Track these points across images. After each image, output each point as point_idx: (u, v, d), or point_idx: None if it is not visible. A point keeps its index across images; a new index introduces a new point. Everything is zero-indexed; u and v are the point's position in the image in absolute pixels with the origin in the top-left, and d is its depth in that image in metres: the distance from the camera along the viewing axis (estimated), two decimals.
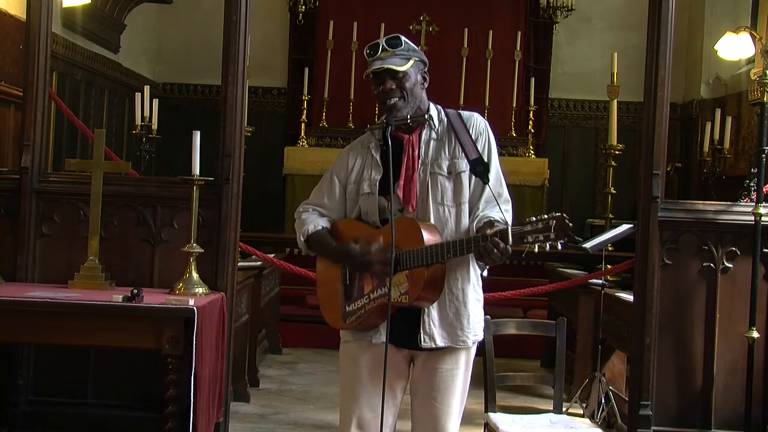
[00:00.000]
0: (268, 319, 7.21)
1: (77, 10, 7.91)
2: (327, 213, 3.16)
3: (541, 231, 2.77)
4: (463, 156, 3.00)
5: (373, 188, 3.05)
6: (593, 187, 10.40)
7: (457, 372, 3.07)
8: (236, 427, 5.13)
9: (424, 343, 2.99)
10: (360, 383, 3.07)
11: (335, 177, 3.15)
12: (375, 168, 3.07)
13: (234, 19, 4.61)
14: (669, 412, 4.74)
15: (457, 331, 3.02)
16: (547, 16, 10.35)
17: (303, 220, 3.16)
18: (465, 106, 9.68)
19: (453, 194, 3.01)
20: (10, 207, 4.65)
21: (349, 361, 3.11)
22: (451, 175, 3.01)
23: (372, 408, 3.04)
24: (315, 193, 3.21)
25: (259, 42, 9.22)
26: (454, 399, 3.09)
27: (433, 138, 3.05)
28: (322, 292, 3.17)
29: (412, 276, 2.91)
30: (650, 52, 4.69)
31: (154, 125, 7.83)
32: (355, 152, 3.15)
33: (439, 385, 3.06)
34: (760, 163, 4.62)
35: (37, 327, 4.02)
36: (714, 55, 8.23)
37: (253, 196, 4.62)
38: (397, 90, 3.00)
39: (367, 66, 3.03)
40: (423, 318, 2.99)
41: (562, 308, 6.47)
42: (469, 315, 3.03)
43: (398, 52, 3.00)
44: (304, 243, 3.16)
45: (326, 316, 3.14)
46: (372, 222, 3.05)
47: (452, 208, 3.00)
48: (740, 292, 4.71)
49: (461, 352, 3.07)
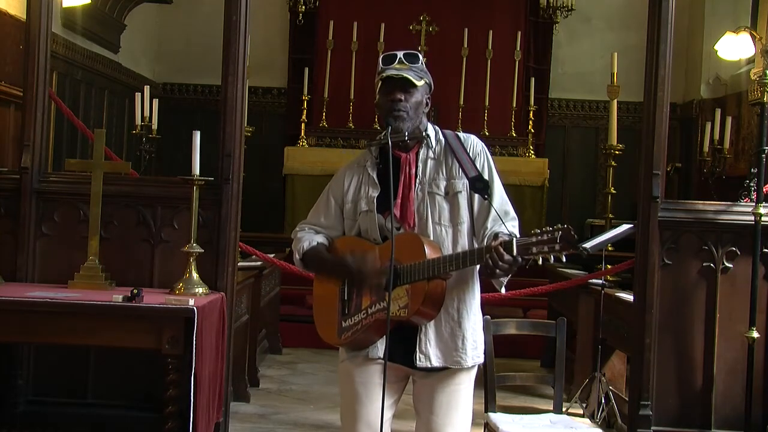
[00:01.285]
0: (268, 319, 7.21)
1: (77, 10, 7.91)
2: (324, 232, 3.14)
3: (546, 243, 2.75)
4: (461, 176, 2.99)
5: (371, 206, 3.02)
6: (593, 187, 10.40)
7: (458, 389, 3.04)
8: (236, 427, 5.13)
9: (420, 362, 2.97)
10: (357, 400, 3.05)
11: (331, 197, 3.13)
12: (372, 185, 3.04)
13: (234, 19, 4.61)
14: (669, 412, 4.74)
15: (452, 352, 2.99)
16: (547, 16, 10.35)
17: (299, 239, 3.14)
18: (465, 106, 9.71)
19: (450, 214, 2.99)
20: (10, 207, 4.64)
21: (345, 379, 3.10)
22: (448, 195, 2.99)
23: (368, 424, 3.02)
24: (312, 213, 3.19)
25: (259, 42, 9.22)
26: (457, 414, 3.04)
27: (431, 157, 3.04)
28: (318, 310, 3.14)
29: (413, 290, 2.89)
30: (650, 52, 4.69)
31: (154, 125, 7.84)
32: (351, 171, 3.12)
33: (442, 400, 3.02)
34: (760, 163, 4.62)
35: (37, 327, 4.02)
36: (714, 55, 8.24)
37: (253, 196, 4.62)
38: (405, 103, 2.98)
39: (378, 73, 3.00)
40: (420, 336, 2.96)
41: (562, 308, 6.47)
42: (464, 336, 3.00)
43: (414, 68, 2.98)
44: (300, 261, 3.14)
45: (321, 332, 3.11)
46: (373, 239, 3.03)
47: (449, 228, 2.99)
48: (740, 292, 4.71)
49: (461, 373, 3.03)
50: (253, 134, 9.03)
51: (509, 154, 9.73)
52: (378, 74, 3.02)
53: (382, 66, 3.00)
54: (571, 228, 2.76)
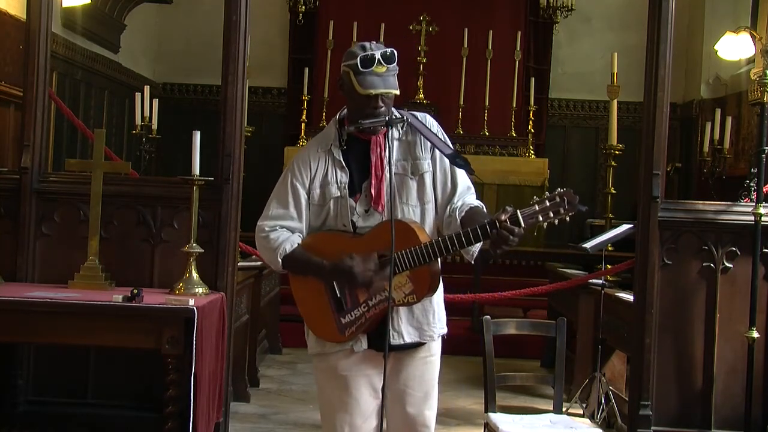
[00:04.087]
0: (268, 319, 7.21)
1: (77, 10, 7.92)
2: (294, 225, 3.06)
3: (550, 208, 2.82)
4: (425, 156, 3.04)
5: (342, 191, 3.02)
6: (593, 187, 10.39)
7: (429, 359, 3.12)
8: (236, 427, 5.13)
9: (393, 339, 2.99)
10: (347, 392, 3.05)
11: (297, 183, 3.06)
12: (340, 169, 3.04)
13: (234, 19, 4.61)
14: (669, 412, 4.74)
15: (424, 327, 3.06)
16: (547, 16, 10.36)
17: (273, 239, 3.04)
18: (465, 106, 9.72)
19: (417, 194, 3.04)
20: (10, 207, 4.64)
21: (330, 372, 3.09)
22: (415, 175, 3.04)
23: (362, 414, 3.04)
24: (275, 205, 3.08)
25: (259, 42, 9.22)
26: (431, 385, 3.12)
27: (396, 138, 3.06)
28: (306, 309, 3.11)
29: (415, 275, 2.91)
30: (650, 52, 4.69)
31: (154, 125, 7.83)
32: (315, 155, 3.07)
33: (414, 373, 3.09)
34: (760, 163, 4.62)
35: (37, 327, 4.02)
36: (714, 55, 8.24)
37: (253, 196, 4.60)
38: (384, 107, 2.98)
39: (355, 73, 2.94)
40: (391, 315, 2.96)
41: (562, 308, 6.47)
42: (434, 310, 3.08)
43: (392, 68, 2.97)
44: (280, 263, 3.05)
45: (318, 332, 3.09)
46: (343, 226, 3.02)
47: (416, 208, 3.04)
48: (740, 292, 4.71)
49: (432, 345, 3.12)
50: (253, 134, 9.02)
51: (509, 154, 9.73)
52: (353, 72, 2.94)
53: (359, 67, 2.92)
54: (572, 190, 2.83)
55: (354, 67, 2.95)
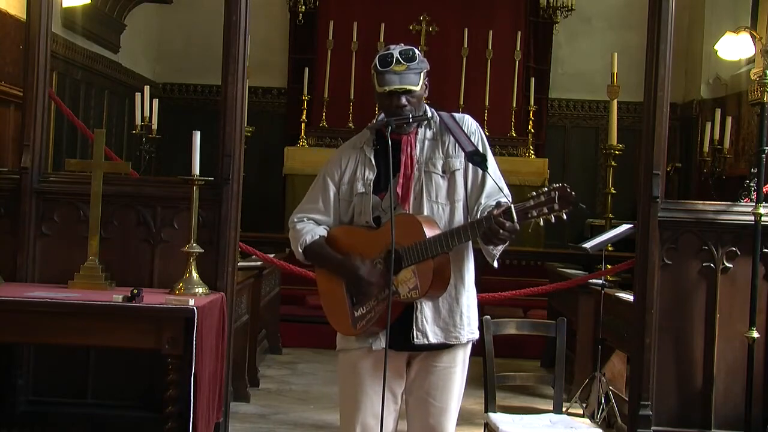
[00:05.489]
0: (268, 319, 7.21)
1: (77, 10, 7.91)
2: (322, 219, 3.16)
3: (544, 204, 2.81)
4: (458, 154, 3.05)
5: (367, 188, 3.08)
6: (593, 187, 10.39)
7: (454, 370, 3.09)
8: (236, 427, 5.13)
9: (417, 339, 3.00)
10: (362, 390, 3.07)
11: (328, 179, 3.16)
12: (369, 167, 3.09)
13: (234, 19, 4.61)
14: (669, 412, 4.74)
15: (450, 328, 3.04)
16: (547, 16, 10.36)
17: (299, 230, 3.15)
18: (465, 106, 9.70)
19: (447, 192, 3.05)
20: (10, 207, 4.64)
21: (350, 369, 3.12)
22: (446, 173, 3.05)
23: (375, 414, 3.05)
24: (308, 198, 3.21)
25: (259, 42, 9.22)
26: (452, 397, 3.10)
27: (428, 138, 3.09)
28: (326, 301, 3.16)
29: (420, 270, 2.92)
30: (650, 52, 4.69)
31: (154, 125, 7.83)
32: (348, 153, 3.17)
33: (437, 383, 3.07)
34: (760, 163, 4.62)
35: (37, 327, 4.01)
36: (714, 55, 8.24)
37: (253, 196, 4.62)
38: (408, 106, 3.02)
39: (377, 74, 3.00)
40: (416, 315, 3.00)
41: (562, 308, 6.47)
42: (461, 312, 3.05)
43: (411, 67, 3.00)
44: (302, 254, 3.17)
45: (335, 324, 3.14)
46: (366, 222, 3.07)
47: (446, 206, 3.04)
48: (740, 292, 4.71)
49: (458, 350, 3.09)
50: (253, 134, 9.02)
51: (509, 154, 9.72)
52: (375, 73, 3.02)
53: (380, 68, 3.00)
54: (567, 185, 2.80)
55: (374, 66, 3.02)
